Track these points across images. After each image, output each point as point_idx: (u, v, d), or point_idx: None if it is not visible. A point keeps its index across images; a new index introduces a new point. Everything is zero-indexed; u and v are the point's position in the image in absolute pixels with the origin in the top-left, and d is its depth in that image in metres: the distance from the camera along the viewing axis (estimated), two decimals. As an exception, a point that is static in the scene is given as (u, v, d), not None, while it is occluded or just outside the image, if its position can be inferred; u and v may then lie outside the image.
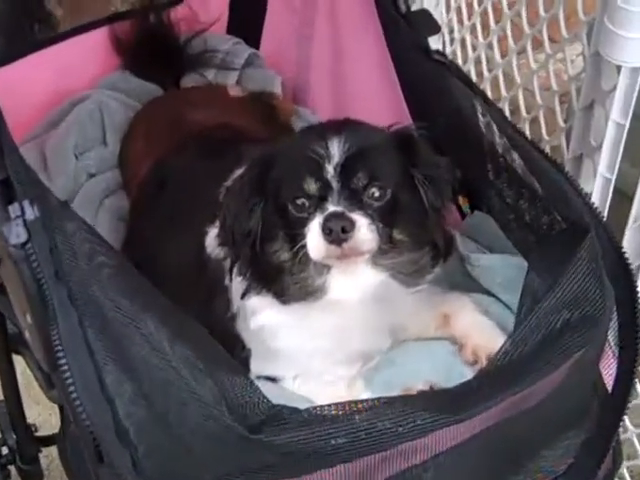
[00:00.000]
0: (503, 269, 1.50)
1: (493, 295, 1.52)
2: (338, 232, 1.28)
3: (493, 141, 1.45)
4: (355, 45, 1.90)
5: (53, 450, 1.75)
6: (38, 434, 1.94)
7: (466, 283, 1.55)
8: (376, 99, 1.83)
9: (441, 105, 1.57)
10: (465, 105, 1.51)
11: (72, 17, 2.40)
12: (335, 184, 1.33)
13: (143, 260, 1.60)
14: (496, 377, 1.13)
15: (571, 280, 1.18)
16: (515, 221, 1.44)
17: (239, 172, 1.44)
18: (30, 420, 1.99)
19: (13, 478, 1.94)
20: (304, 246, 1.32)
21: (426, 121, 1.47)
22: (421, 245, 1.40)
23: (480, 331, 1.46)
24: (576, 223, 1.27)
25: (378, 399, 1.10)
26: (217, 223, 1.45)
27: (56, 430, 1.47)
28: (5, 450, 1.88)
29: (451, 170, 1.42)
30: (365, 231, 1.31)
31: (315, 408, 1.09)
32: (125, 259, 1.29)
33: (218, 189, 1.47)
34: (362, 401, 1.09)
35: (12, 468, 1.88)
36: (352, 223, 1.30)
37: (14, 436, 1.86)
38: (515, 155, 1.41)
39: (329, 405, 1.08)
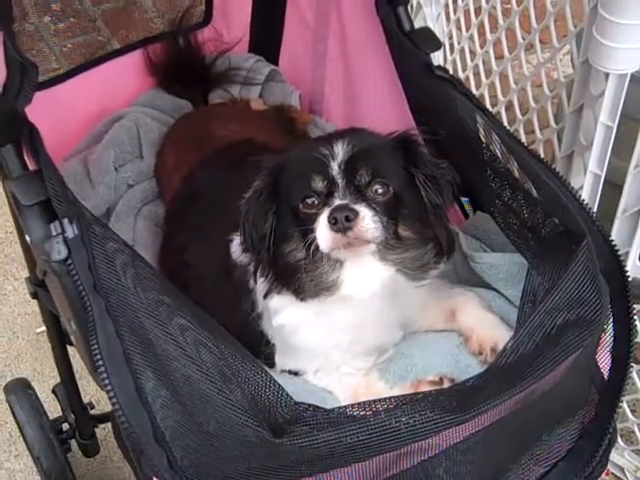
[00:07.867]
0: (505, 266, 1.42)
1: (496, 290, 1.44)
2: (342, 221, 1.23)
3: (493, 150, 1.38)
4: (364, 62, 1.83)
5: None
6: (94, 412, 1.95)
7: (470, 279, 1.47)
8: (384, 111, 1.76)
9: (445, 117, 1.47)
10: (467, 117, 1.43)
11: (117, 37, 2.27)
12: (340, 181, 1.28)
13: (177, 266, 1.61)
14: (501, 375, 1.07)
15: (569, 283, 1.12)
16: (515, 222, 1.35)
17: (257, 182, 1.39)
18: (89, 397, 2.01)
19: (74, 451, 1.98)
20: (315, 239, 1.27)
21: (430, 132, 1.42)
22: (425, 242, 1.33)
23: (484, 324, 1.39)
24: (572, 229, 1.20)
25: (392, 399, 1.04)
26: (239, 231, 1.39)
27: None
28: (66, 426, 1.91)
29: (451, 171, 1.36)
30: (368, 220, 1.25)
31: (334, 409, 1.04)
32: (155, 272, 1.24)
33: (240, 200, 1.39)
34: (379, 401, 1.04)
35: (73, 442, 1.93)
36: (355, 213, 1.24)
37: (72, 415, 1.86)
38: (513, 162, 1.34)
39: (349, 406, 1.04)
